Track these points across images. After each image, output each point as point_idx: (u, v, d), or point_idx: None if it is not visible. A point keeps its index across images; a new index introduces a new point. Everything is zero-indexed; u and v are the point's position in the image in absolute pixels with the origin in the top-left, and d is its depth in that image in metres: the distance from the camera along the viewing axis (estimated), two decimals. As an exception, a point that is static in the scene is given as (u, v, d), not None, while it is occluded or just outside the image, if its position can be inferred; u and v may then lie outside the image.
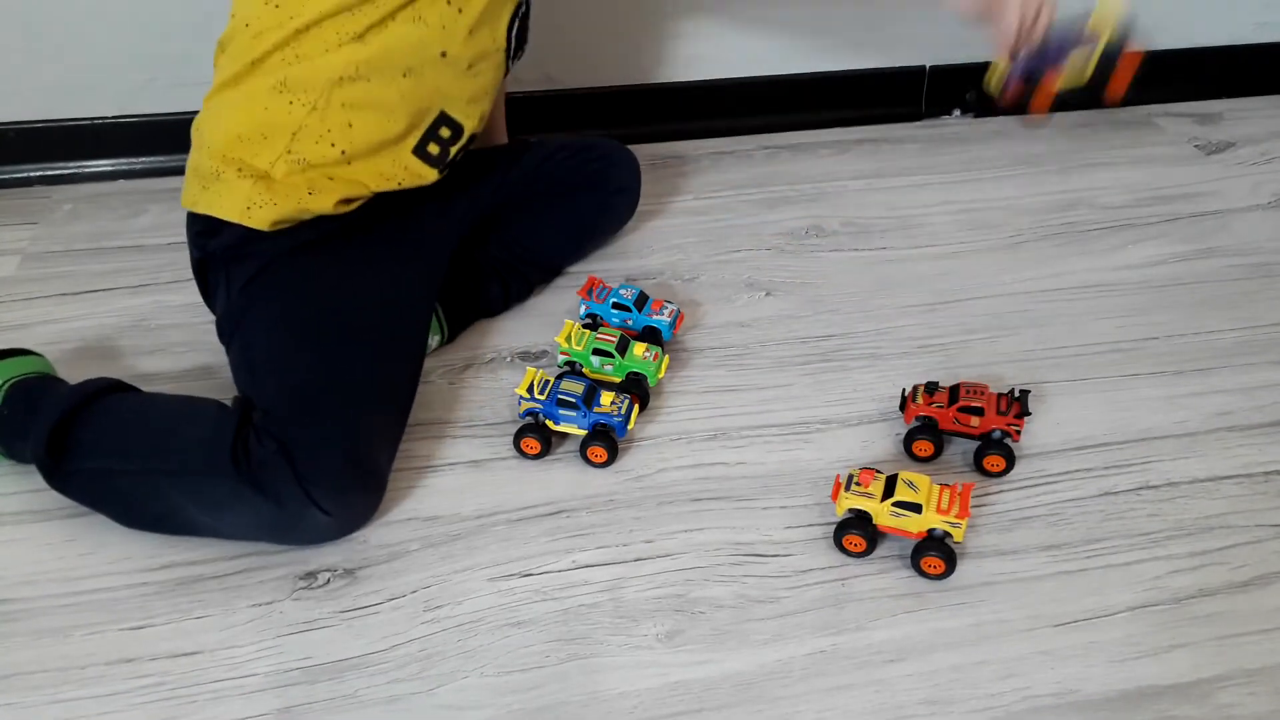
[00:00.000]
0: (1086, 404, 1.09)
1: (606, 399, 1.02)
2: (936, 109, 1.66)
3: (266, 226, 0.98)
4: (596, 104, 1.48)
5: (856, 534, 0.92)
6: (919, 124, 1.65)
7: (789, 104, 1.61)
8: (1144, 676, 0.83)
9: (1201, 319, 1.22)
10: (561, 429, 1.03)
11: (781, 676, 0.84)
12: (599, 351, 1.08)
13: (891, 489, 0.91)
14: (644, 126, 1.54)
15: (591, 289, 1.17)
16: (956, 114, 1.66)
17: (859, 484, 0.92)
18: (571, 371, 1.07)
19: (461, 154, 1.08)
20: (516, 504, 0.98)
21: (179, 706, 0.81)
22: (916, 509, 0.90)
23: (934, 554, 0.90)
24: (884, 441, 1.05)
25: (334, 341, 0.97)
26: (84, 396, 0.94)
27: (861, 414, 1.09)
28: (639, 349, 1.09)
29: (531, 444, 1.02)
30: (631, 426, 1.03)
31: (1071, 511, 0.97)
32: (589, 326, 1.13)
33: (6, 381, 0.98)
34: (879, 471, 0.94)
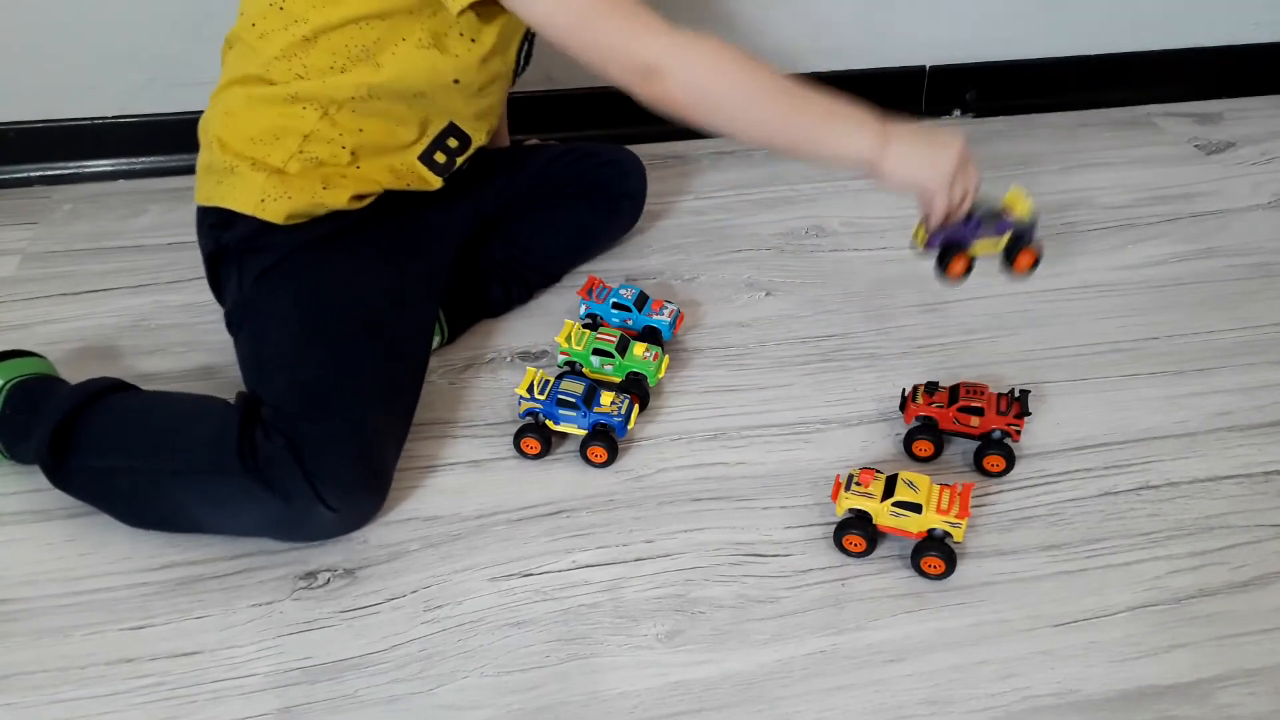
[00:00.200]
0: (1086, 404, 1.09)
1: (606, 399, 1.02)
2: (936, 109, 1.66)
3: (281, 220, 0.99)
4: (597, 104, 1.48)
5: (856, 534, 0.92)
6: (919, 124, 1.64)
7: (789, 104, 1.61)
8: (1144, 676, 0.83)
9: (1201, 319, 1.22)
10: (561, 429, 1.03)
11: (781, 676, 0.84)
12: (599, 351, 1.08)
13: (891, 489, 0.91)
14: (644, 126, 1.53)
15: (591, 289, 1.17)
16: (956, 114, 1.66)
17: (859, 484, 0.92)
18: (571, 371, 1.07)
19: (467, 164, 1.10)
20: (516, 504, 0.98)
21: (179, 706, 0.81)
22: (916, 509, 0.90)
23: (934, 554, 0.90)
24: (884, 441, 1.05)
25: (345, 338, 0.98)
26: (87, 395, 0.94)
27: (861, 414, 1.09)
28: (639, 349, 1.09)
29: (531, 444, 1.02)
30: (631, 426, 1.03)
31: (1071, 511, 0.97)
32: (589, 326, 1.13)
33: (7, 382, 0.98)
34: (879, 471, 0.94)
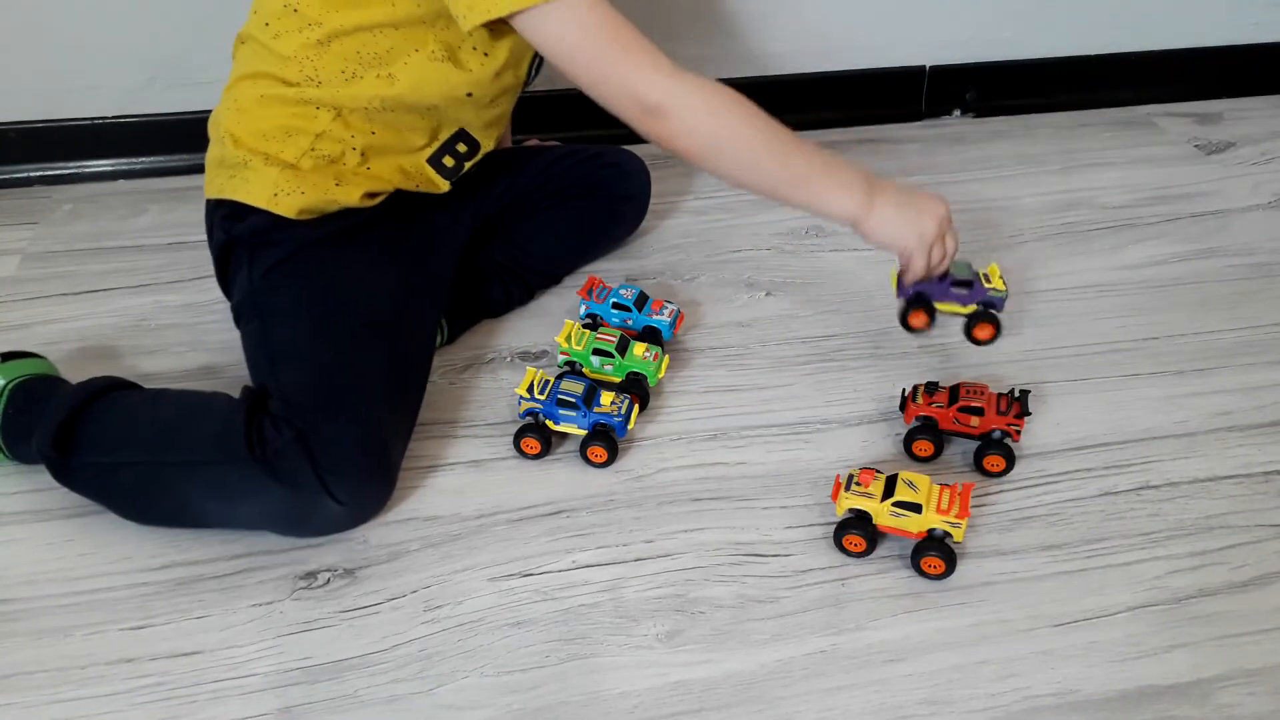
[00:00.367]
0: (1086, 404, 1.09)
1: (606, 399, 1.02)
2: (936, 109, 1.66)
3: (293, 214, 0.99)
4: (597, 104, 1.48)
5: (856, 534, 0.92)
6: (919, 124, 1.65)
7: (789, 104, 1.61)
8: (1144, 676, 0.83)
9: (1201, 319, 1.22)
10: (561, 429, 1.03)
11: (781, 676, 0.84)
12: (599, 351, 1.08)
13: (891, 489, 0.91)
14: (644, 126, 1.54)
15: (591, 289, 1.17)
16: (956, 114, 1.66)
17: (859, 484, 0.92)
18: (571, 371, 1.07)
19: (474, 168, 1.11)
20: (516, 504, 0.98)
21: (179, 706, 0.81)
22: (916, 509, 0.90)
23: (934, 554, 0.90)
24: (884, 441, 1.05)
25: (354, 334, 0.98)
26: (90, 393, 0.95)
27: (861, 414, 1.09)
28: (639, 349, 1.09)
29: (531, 444, 1.02)
30: (631, 426, 1.03)
31: (1071, 511, 0.97)
32: (589, 326, 1.13)
33: (9, 383, 0.98)
34: (879, 471, 0.94)
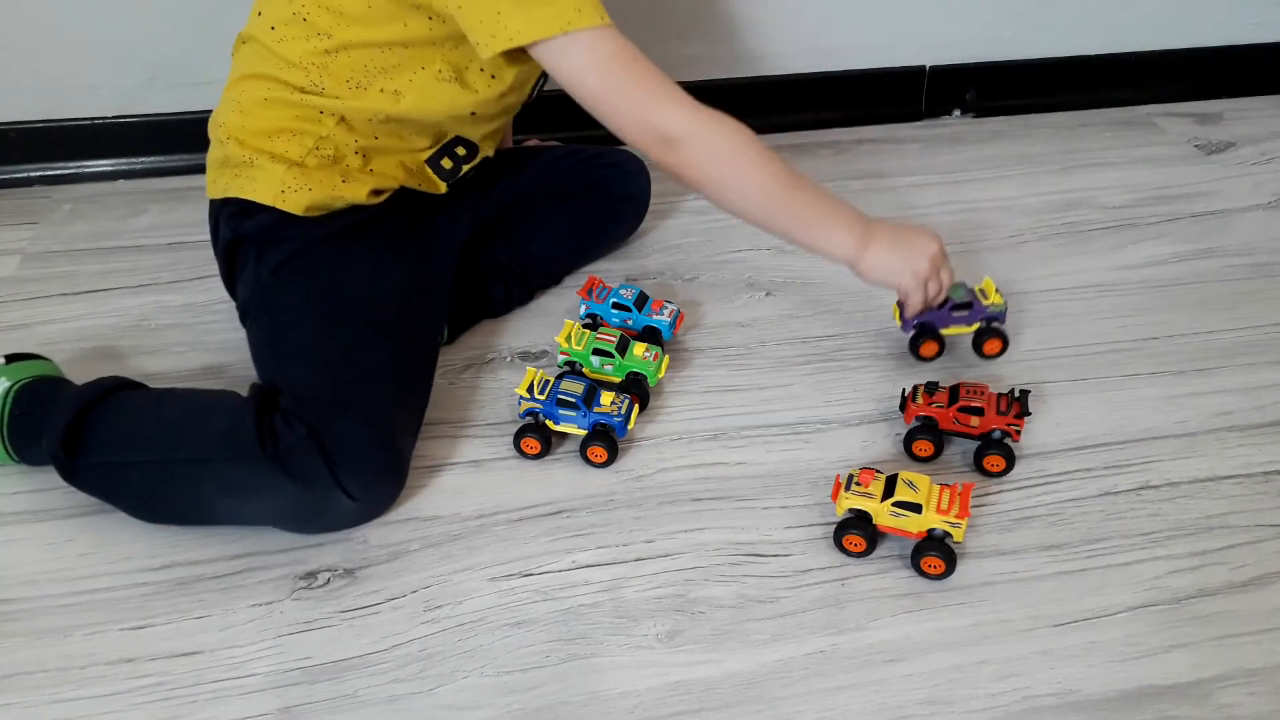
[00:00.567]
0: (1086, 404, 1.09)
1: (606, 399, 1.02)
2: (936, 109, 1.66)
3: (300, 211, 0.99)
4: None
5: (856, 534, 0.92)
6: (919, 124, 1.65)
7: (789, 104, 1.62)
8: (1144, 676, 0.83)
9: (1201, 319, 1.22)
10: (561, 429, 1.03)
11: (781, 676, 0.84)
12: (599, 351, 1.08)
13: (891, 489, 0.91)
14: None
15: (591, 289, 1.17)
16: (956, 114, 1.66)
17: (859, 484, 0.92)
18: (571, 371, 1.07)
19: (473, 171, 1.12)
20: (516, 504, 0.98)
21: (179, 706, 0.81)
22: (916, 509, 0.90)
23: (934, 554, 0.90)
24: (884, 441, 1.05)
25: (363, 331, 0.98)
26: (99, 393, 0.95)
27: (861, 414, 1.09)
28: (639, 349, 1.09)
29: (531, 444, 1.02)
30: (631, 426, 1.03)
31: (1071, 511, 0.97)
32: (589, 326, 1.13)
33: (14, 385, 0.98)
34: (879, 471, 0.94)
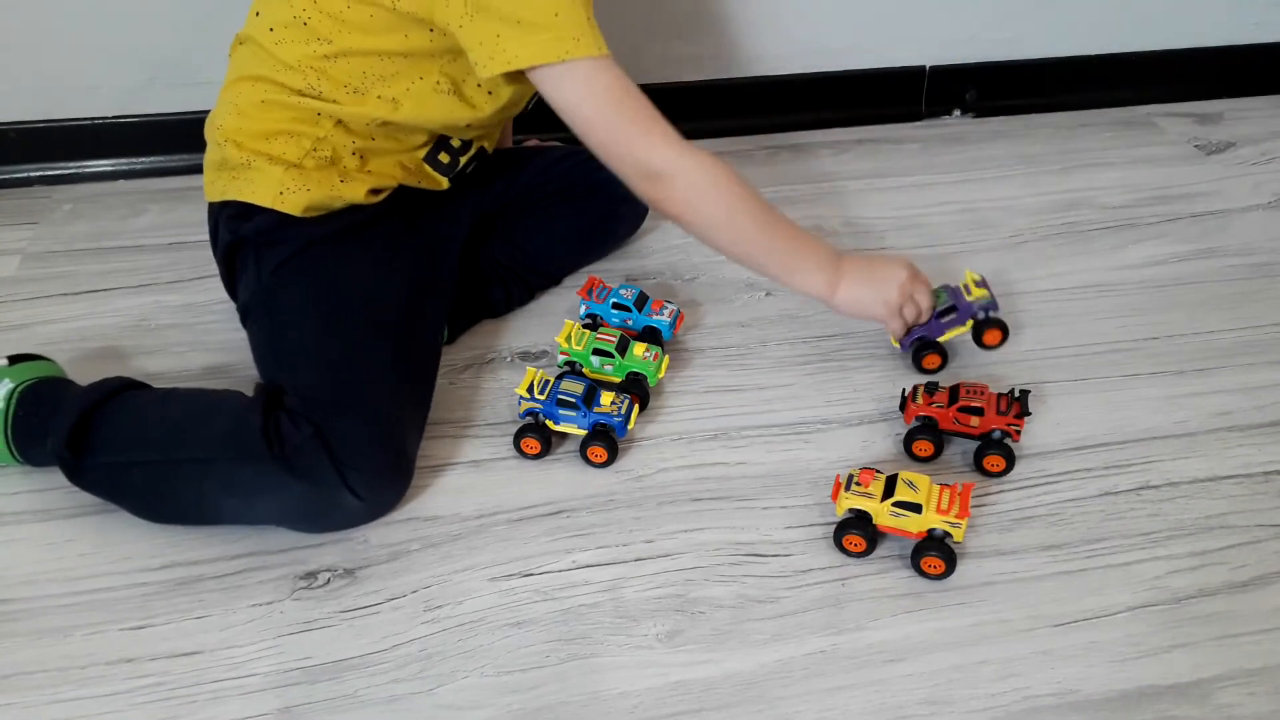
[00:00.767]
0: (1086, 404, 1.09)
1: (606, 399, 1.02)
2: (936, 109, 1.66)
3: (299, 211, 0.99)
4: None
5: (856, 534, 0.92)
6: (919, 124, 1.65)
7: (789, 104, 1.61)
8: (1144, 676, 0.83)
9: (1201, 319, 1.22)
10: (561, 429, 1.03)
11: (781, 676, 0.84)
12: (599, 351, 1.08)
13: (891, 489, 0.91)
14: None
15: (591, 289, 1.17)
16: (956, 114, 1.66)
17: (859, 484, 0.92)
18: (571, 371, 1.07)
19: (472, 165, 1.11)
20: (516, 504, 0.98)
21: (179, 706, 0.81)
22: (916, 509, 0.90)
23: (934, 554, 0.90)
24: (884, 441, 1.05)
25: (364, 329, 0.98)
26: (104, 393, 0.95)
27: (861, 414, 1.09)
28: (639, 349, 1.09)
29: (531, 444, 1.02)
30: (631, 426, 1.03)
31: (1071, 511, 0.97)
32: (589, 326, 1.13)
33: (18, 386, 0.98)
34: (879, 471, 0.94)
